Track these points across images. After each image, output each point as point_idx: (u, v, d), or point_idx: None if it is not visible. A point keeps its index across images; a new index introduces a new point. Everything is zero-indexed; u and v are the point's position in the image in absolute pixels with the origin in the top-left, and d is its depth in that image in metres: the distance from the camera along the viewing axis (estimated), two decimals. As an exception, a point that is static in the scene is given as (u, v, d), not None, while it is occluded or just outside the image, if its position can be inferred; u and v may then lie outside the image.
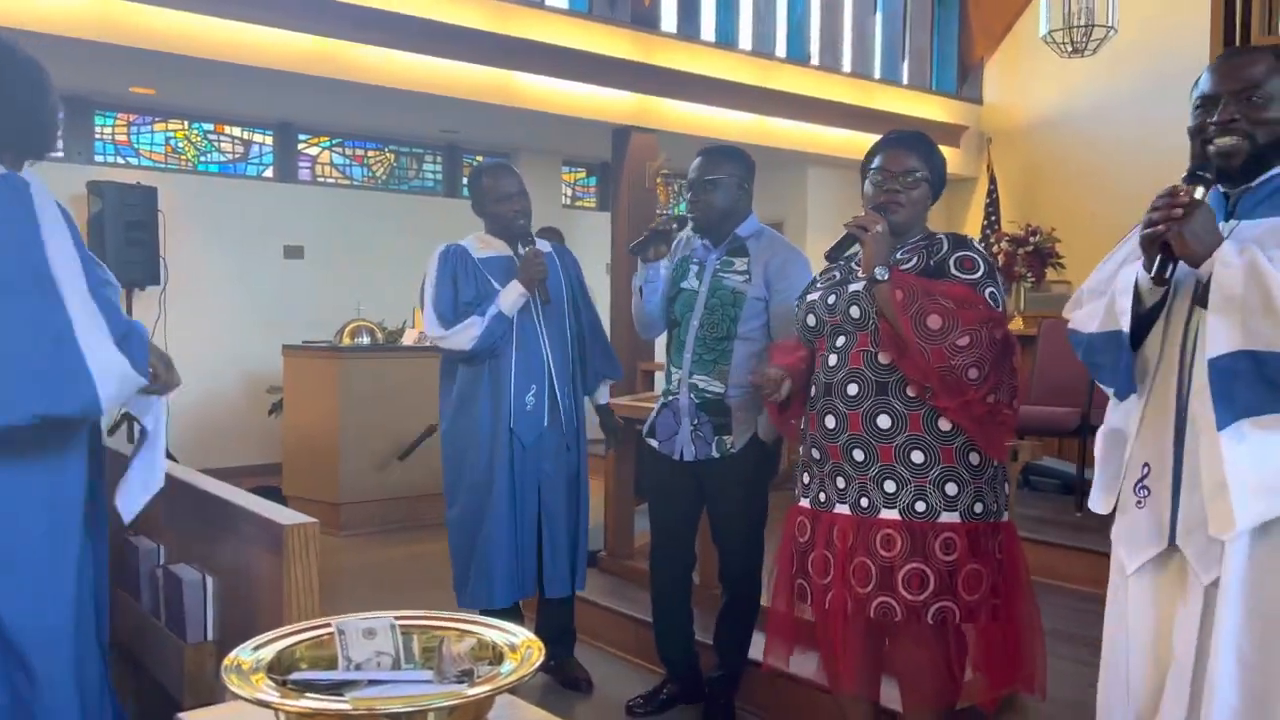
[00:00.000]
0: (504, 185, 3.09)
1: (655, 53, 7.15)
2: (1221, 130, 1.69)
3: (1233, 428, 1.54)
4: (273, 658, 1.27)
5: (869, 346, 2.15)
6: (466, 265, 3.08)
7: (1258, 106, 1.67)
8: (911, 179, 2.20)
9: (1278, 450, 1.54)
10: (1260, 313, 1.51)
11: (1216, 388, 1.55)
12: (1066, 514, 4.55)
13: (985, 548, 2.11)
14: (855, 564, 2.12)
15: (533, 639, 1.31)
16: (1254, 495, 1.53)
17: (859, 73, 8.67)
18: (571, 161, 9.42)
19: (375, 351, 5.97)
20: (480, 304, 3.01)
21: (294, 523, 2.05)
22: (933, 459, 2.11)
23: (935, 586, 2.07)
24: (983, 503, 2.13)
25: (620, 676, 3.34)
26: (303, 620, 1.55)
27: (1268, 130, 1.67)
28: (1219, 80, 1.72)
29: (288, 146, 7.79)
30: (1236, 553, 1.57)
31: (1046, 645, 2.27)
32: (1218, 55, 2.00)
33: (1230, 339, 1.54)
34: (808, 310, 2.27)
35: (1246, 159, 1.68)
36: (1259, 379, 1.52)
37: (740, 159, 2.85)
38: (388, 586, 4.51)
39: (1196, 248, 1.58)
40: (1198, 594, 1.61)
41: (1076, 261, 7.95)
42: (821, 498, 2.24)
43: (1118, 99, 8.04)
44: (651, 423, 2.93)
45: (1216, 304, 1.56)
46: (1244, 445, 1.54)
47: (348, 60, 5.81)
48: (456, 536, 3.11)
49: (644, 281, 2.90)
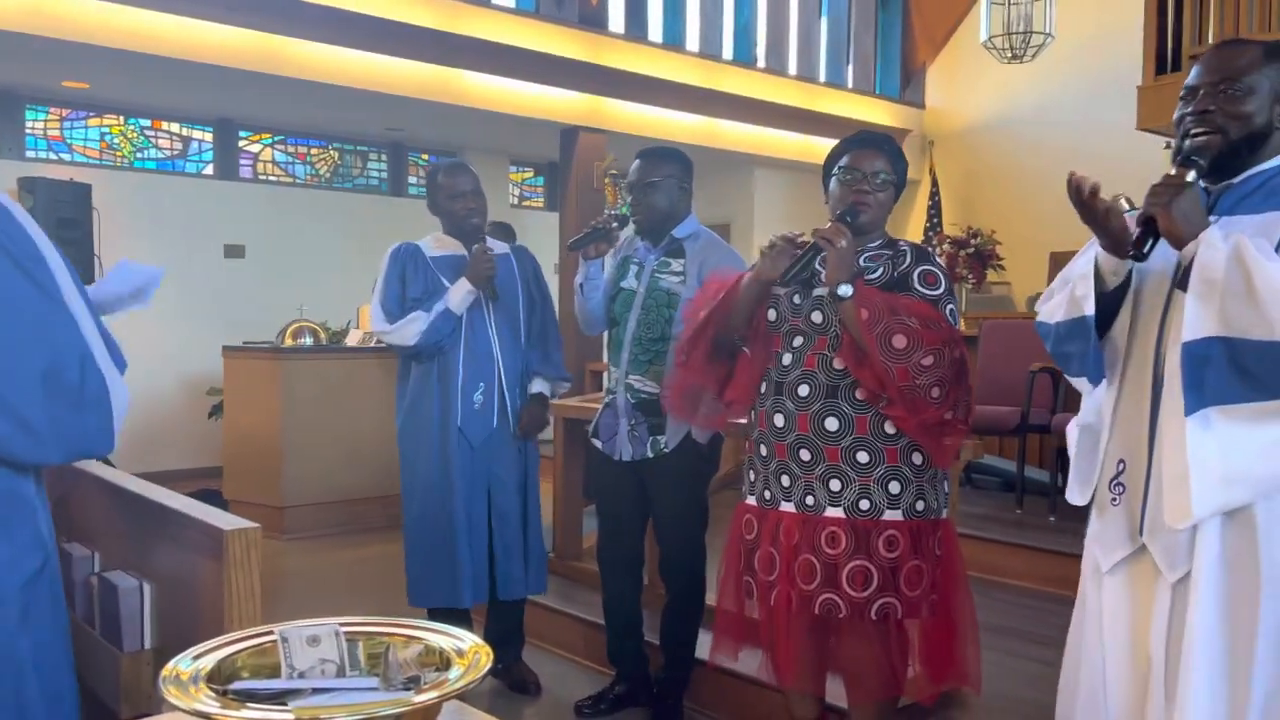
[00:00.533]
0: (458, 183, 3.07)
1: (603, 53, 7.15)
2: (1196, 121, 1.65)
3: (1200, 415, 1.51)
4: (213, 667, 1.24)
5: (825, 350, 2.16)
6: (418, 263, 3.06)
7: (1234, 99, 1.62)
8: (880, 180, 2.22)
9: (1243, 441, 1.50)
10: (1241, 298, 1.47)
11: (1187, 373, 1.51)
12: (1007, 511, 4.64)
13: (926, 545, 2.15)
14: (800, 561, 2.15)
15: (480, 644, 1.30)
16: (1215, 486, 1.50)
17: (804, 76, 8.75)
18: (519, 161, 9.37)
19: (318, 352, 5.88)
20: (428, 301, 2.99)
21: (235, 527, 2.01)
22: (877, 459, 2.14)
23: (879, 583, 2.10)
24: (924, 501, 2.16)
25: (569, 678, 3.33)
26: (244, 628, 1.52)
27: (1241, 124, 1.62)
28: (1202, 71, 1.67)
29: (228, 143, 7.64)
30: (1207, 549, 1.54)
31: (987, 640, 2.31)
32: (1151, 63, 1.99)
33: (1206, 324, 1.50)
34: (771, 304, 2.27)
35: (1219, 153, 1.63)
36: (1231, 366, 1.48)
37: (679, 160, 2.87)
38: (333, 592, 4.45)
39: (1183, 226, 1.54)
40: (1165, 592, 1.59)
41: (1016, 263, 8.12)
42: (767, 495, 2.26)
43: (1055, 104, 8.23)
44: (595, 423, 2.93)
45: (1197, 287, 1.51)
46: (1210, 434, 1.50)
47: (290, 56, 5.72)
48: (411, 538, 3.09)
49: (584, 279, 2.90)
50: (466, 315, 3.02)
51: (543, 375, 3.19)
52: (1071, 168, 1.70)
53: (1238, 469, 1.50)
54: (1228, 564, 1.54)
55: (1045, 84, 8.20)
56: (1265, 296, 1.45)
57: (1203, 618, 1.53)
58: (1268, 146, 1.64)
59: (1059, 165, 8.53)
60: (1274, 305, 1.44)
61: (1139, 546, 1.64)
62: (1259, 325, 1.45)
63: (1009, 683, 2.86)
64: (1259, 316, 1.45)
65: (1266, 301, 1.45)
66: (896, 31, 9.43)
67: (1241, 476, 1.50)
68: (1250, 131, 1.62)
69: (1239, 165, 1.65)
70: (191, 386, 6.89)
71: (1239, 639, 1.52)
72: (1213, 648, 1.53)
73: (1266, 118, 1.63)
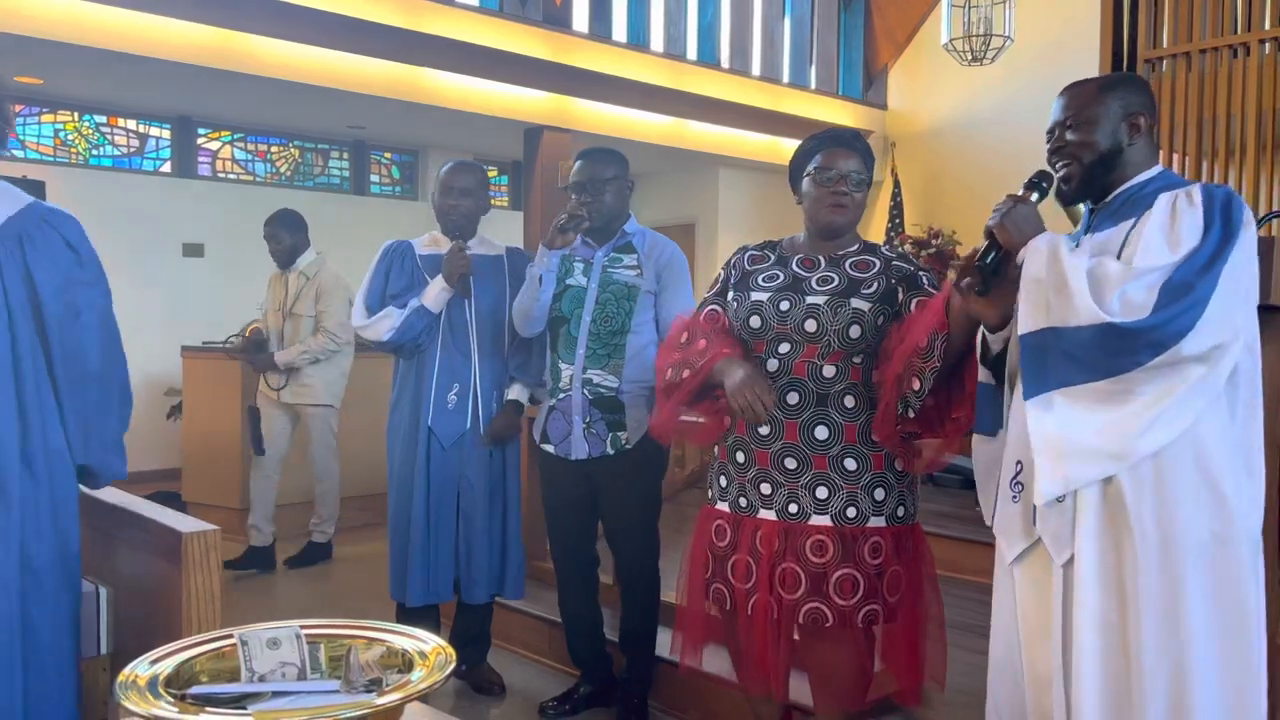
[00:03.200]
0: (448, 180, 3.07)
1: (567, 52, 7.13)
2: (1056, 156, 1.87)
3: (1041, 398, 1.66)
4: (171, 671, 1.22)
5: (815, 359, 2.13)
6: (405, 260, 3.07)
7: (1082, 129, 1.84)
8: (856, 180, 2.20)
9: (1082, 420, 1.64)
10: (1056, 291, 1.65)
11: (1026, 362, 1.68)
12: (969, 509, 4.68)
13: (905, 549, 2.16)
14: (783, 570, 2.11)
15: (443, 646, 1.29)
16: (1058, 461, 1.63)
17: (768, 76, 8.79)
18: (483, 160, 9.33)
19: (279, 352, 5.80)
20: (406, 297, 2.98)
21: (194, 530, 1.99)
22: (864, 466, 2.13)
23: (864, 590, 2.09)
24: (904, 506, 2.17)
25: (534, 679, 3.32)
26: (203, 631, 1.50)
27: (1090, 150, 1.83)
28: (1055, 111, 1.90)
29: (186, 140, 7.53)
30: (1084, 528, 1.67)
31: (950, 637, 2.33)
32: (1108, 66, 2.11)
33: (1037, 318, 1.68)
34: (752, 310, 2.19)
35: (1080, 180, 1.85)
36: (1060, 352, 1.65)
37: (623, 160, 2.91)
38: (295, 594, 4.40)
39: (1015, 235, 1.75)
40: (1057, 575, 1.72)
41: (977, 263, 8.22)
42: (743, 503, 2.21)
43: (1015, 106, 8.33)
44: (543, 428, 2.90)
45: (1024, 287, 1.71)
46: (1051, 414, 1.65)
47: (250, 53, 5.64)
48: (390, 533, 3.09)
49: (546, 270, 2.82)
50: (448, 315, 3.00)
51: (521, 381, 3.15)
52: (1030, 169, 1.87)
53: (1077, 445, 1.64)
54: (1104, 539, 1.67)
55: (1005, 86, 8.30)
56: (1072, 288, 1.64)
57: (1087, 594, 1.66)
58: (1127, 164, 1.84)
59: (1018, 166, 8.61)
60: (1076, 295, 1.63)
61: (1037, 538, 1.78)
62: (1069, 314, 1.64)
63: (971, 677, 2.88)
64: (1068, 306, 1.64)
65: (1073, 292, 1.63)
66: (859, 33, 9.51)
67: (1079, 451, 1.63)
68: (1099, 155, 1.83)
69: (1107, 186, 1.85)
70: (149, 387, 6.77)
71: (1126, 611, 1.64)
72: (1099, 621, 1.66)
73: (1112, 140, 1.83)
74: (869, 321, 2.11)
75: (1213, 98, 5.40)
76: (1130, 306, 1.60)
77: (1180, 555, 1.63)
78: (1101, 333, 1.60)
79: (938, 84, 9.09)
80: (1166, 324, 1.57)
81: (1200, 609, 1.63)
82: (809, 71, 9.29)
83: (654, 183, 9.81)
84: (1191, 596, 1.62)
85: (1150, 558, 1.63)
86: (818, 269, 2.20)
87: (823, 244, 2.24)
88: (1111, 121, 1.83)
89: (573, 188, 2.87)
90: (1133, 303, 1.60)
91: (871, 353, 2.14)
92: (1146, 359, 1.59)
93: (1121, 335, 1.59)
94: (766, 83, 8.71)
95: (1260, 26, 5.11)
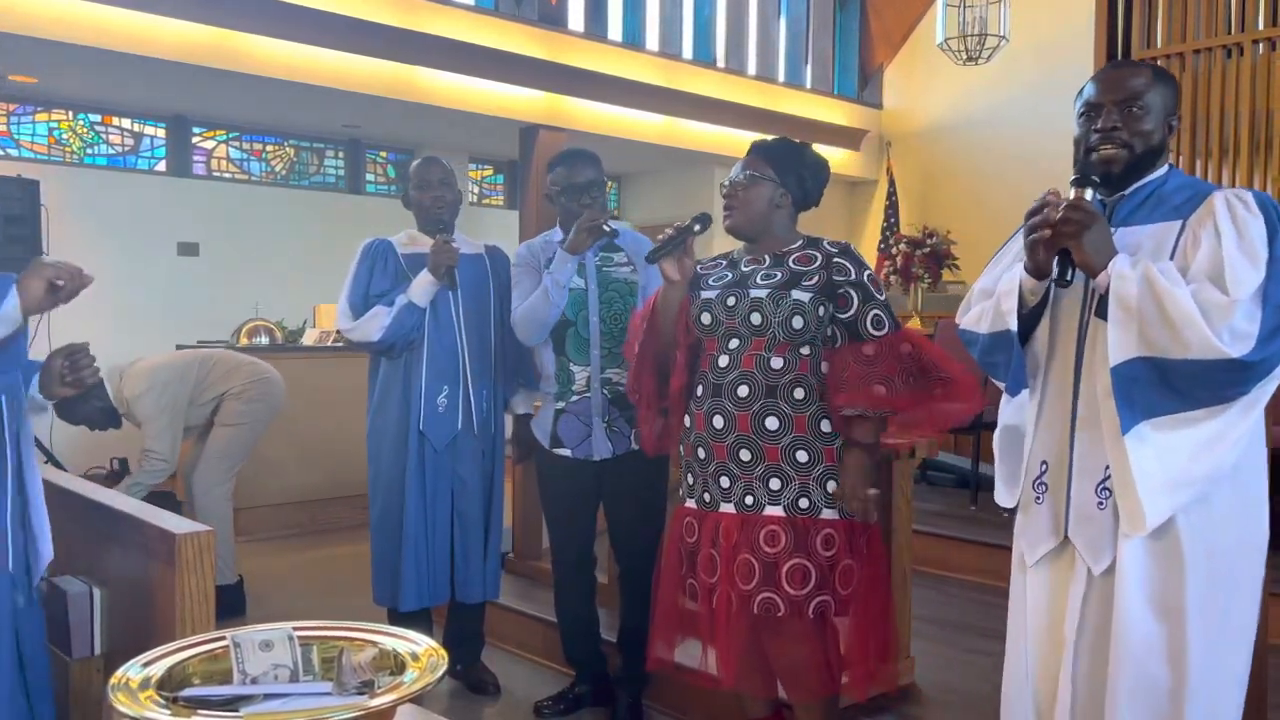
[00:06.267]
0: (425, 175, 3.04)
1: (563, 52, 7.13)
2: (1103, 138, 1.78)
3: (1134, 431, 1.63)
4: (163, 674, 1.23)
5: (762, 351, 2.19)
6: (387, 259, 3.02)
7: (1137, 117, 1.76)
8: (745, 179, 2.27)
9: (1176, 448, 1.63)
10: (1156, 323, 1.61)
11: (1119, 393, 1.64)
12: (962, 508, 4.70)
13: (859, 544, 2.19)
14: (739, 561, 2.16)
15: (436, 647, 1.30)
16: (1161, 492, 1.62)
17: (764, 76, 8.80)
18: (479, 159, 9.32)
19: (274, 352, 5.79)
20: (391, 296, 2.95)
21: (187, 531, 1.99)
22: (816, 458, 2.17)
23: (816, 581, 2.13)
24: None
25: (529, 678, 3.32)
26: (197, 633, 1.50)
27: (1144, 140, 1.77)
28: (1103, 90, 1.81)
29: (181, 139, 7.51)
30: (1132, 546, 1.66)
31: (941, 635, 2.35)
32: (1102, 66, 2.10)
33: (1128, 347, 1.63)
34: (703, 308, 2.28)
35: (1125, 166, 1.78)
36: (1157, 383, 1.62)
37: (600, 160, 2.92)
38: (289, 595, 4.40)
39: (1095, 258, 1.68)
40: (1085, 582, 1.71)
41: (971, 263, 8.22)
42: (706, 498, 2.27)
43: (1010, 105, 8.35)
44: (552, 433, 2.88)
45: (1115, 314, 1.65)
46: (1146, 446, 1.63)
47: (245, 52, 5.64)
48: (375, 536, 3.06)
49: (567, 277, 2.76)
50: (433, 314, 2.97)
51: (525, 388, 3.12)
52: (1025, 169, 1.81)
53: (1177, 474, 1.62)
54: (1151, 553, 1.66)
55: (1000, 86, 8.32)
56: (1177, 320, 1.59)
57: (1131, 603, 1.65)
58: (1159, 160, 1.80)
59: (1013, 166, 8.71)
60: (1185, 328, 1.59)
61: (1061, 541, 1.77)
62: (1175, 346, 1.60)
63: (962, 676, 2.90)
64: (1174, 339, 1.60)
65: (1179, 324, 1.59)
66: (854, 32, 9.52)
67: (1181, 481, 1.62)
68: (1150, 147, 1.78)
69: (1131, 178, 1.80)
70: (144, 387, 6.76)
71: (1171, 621, 1.64)
72: (1145, 632, 1.65)
73: (1161, 135, 1.79)
74: (810, 312, 2.17)
75: (1206, 98, 5.41)
76: (1237, 335, 1.58)
77: (1225, 566, 1.65)
78: (1218, 367, 1.58)
79: (933, 83, 9.10)
80: (1276, 353, 1.59)
81: (1240, 617, 1.66)
82: (804, 71, 9.30)
83: (649, 182, 9.81)
84: (1235, 606, 1.65)
85: (1198, 569, 1.64)
86: (763, 266, 2.27)
87: (764, 245, 2.30)
88: (1161, 115, 1.79)
89: (571, 191, 2.84)
90: (1240, 331, 1.58)
91: (817, 344, 2.20)
92: (1252, 388, 1.61)
93: (1240, 369, 1.58)
94: (762, 82, 8.72)
95: (1254, 27, 5.12)
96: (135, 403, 3.92)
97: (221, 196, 7.50)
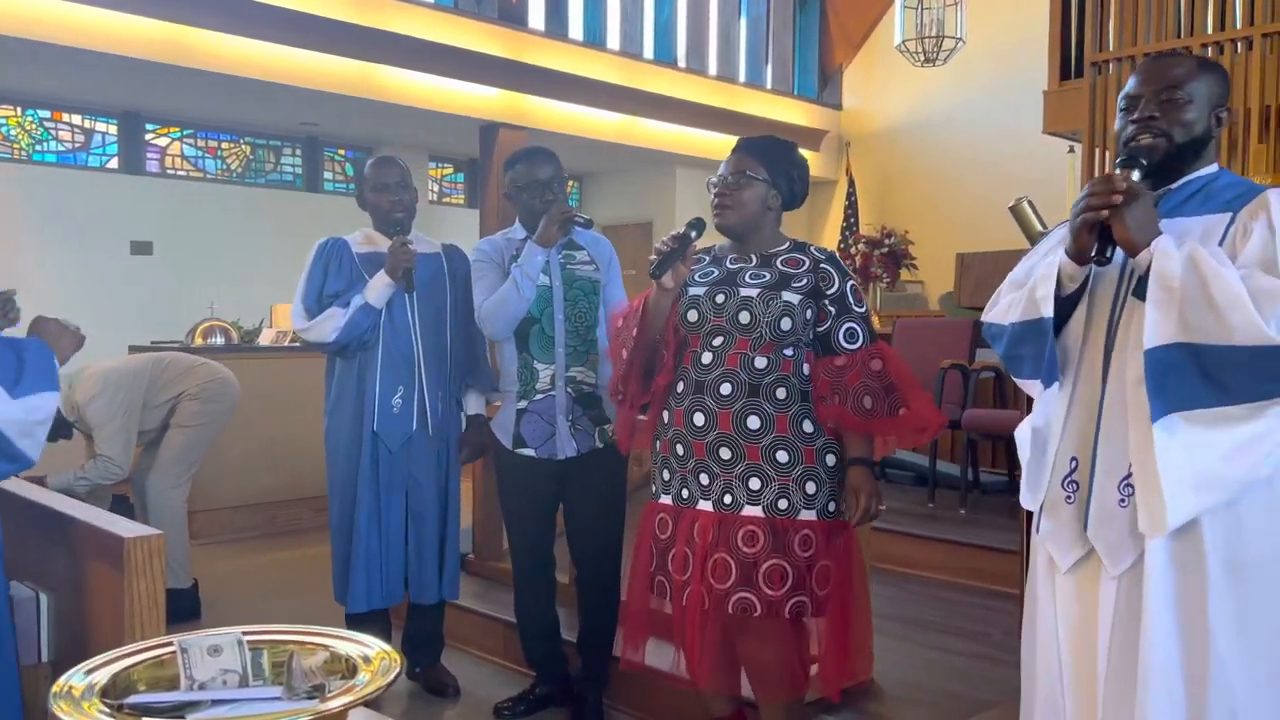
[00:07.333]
0: (382, 175, 3.01)
1: (523, 50, 7.10)
2: (1141, 128, 1.70)
3: (1164, 421, 1.53)
4: (107, 681, 1.20)
5: (747, 350, 2.18)
6: (342, 259, 2.99)
7: (1178, 106, 1.69)
8: (736, 180, 2.26)
9: (1209, 445, 1.53)
10: (1199, 305, 1.51)
11: (1151, 379, 1.54)
12: (920, 506, 4.74)
13: (835, 544, 2.19)
14: (715, 560, 2.16)
15: (389, 650, 1.28)
16: (1187, 492, 1.52)
17: (724, 76, 8.83)
18: (439, 157, 9.27)
19: (230, 352, 5.71)
20: (347, 297, 2.92)
21: (136, 534, 1.95)
22: (796, 458, 2.17)
23: (793, 581, 2.13)
24: (835, 502, 2.20)
25: (489, 680, 3.30)
26: (146, 638, 1.47)
27: (1184, 130, 1.69)
28: (1142, 80, 1.74)
29: (134, 136, 7.39)
30: (1154, 547, 1.56)
31: (900, 632, 2.36)
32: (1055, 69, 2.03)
33: (1167, 330, 1.53)
34: (690, 305, 2.26)
35: (1163, 157, 1.69)
36: (1194, 371, 1.52)
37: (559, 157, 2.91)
38: (246, 599, 4.33)
39: (1138, 235, 1.58)
40: (1108, 585, 1.62)
41: (928, 262, 8.32)
42: (684, 494, 2.26)
43: (967, 107, 8.45)
44: (515, 432, 2.86)
45: (1156, 295, 1.55)
46: (1176, 439, 1.53)
47: (199, 48, 5.55)
48: (333, 538, 3.04)
49: (536, 271, 2.74)
50: (388, 314, 2.95)
51: (477, 389, 3.10)
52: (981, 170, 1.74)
53: (1206, 473, 1.52)
54: (1175, 560, 1.57)
55: (957, 88, 8.41)
56: (1222, 303, 1.49)
57: (1156, 617, 1.56)
58: (1202, 156, 1.71)
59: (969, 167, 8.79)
60: (1231, 311, 1.48)
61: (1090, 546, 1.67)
62: (1219, 330, 1.49)
63: (921, 673, 2.92)
64: (1218, 322, 1.49)
65: (1224, 307, 1.49)
66: (814, 33, 9.58)
67: (1210, 481, 1.53)
68: (1192, 138, 1.69)
69: (1176, 172, 1.71)
70: (96, 388, 6.64)
71: (1193, 636, 1.55)
72: (1168, 646, 1.56)
73: (1205, 126, 1.70)
74: (798, 314, 2.18)
75: (1157, 100, 5.49)
76: None
77: (1255, 583, 1.55)
78: (1264, 355, 1.47)
79: (891, 85, 9.18)
80: None
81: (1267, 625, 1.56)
82: (765, 71, 9.35)
83: (611, 181, 9.81)
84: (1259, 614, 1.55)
85: (1221, 583, 1.54)
86: (750, 265, 2.27)
87: (750, 244, 2.30)
88: (1204, 107, 1.70)
89: (533, 187, 2.82)
90: None
91: (802, 346, 2.21)
92: None
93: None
94: (723, 82, 8.75)
95: (1202, 31, 5.22)
96: (87, 407, 3.84)
97: (176, 194, 7.39)
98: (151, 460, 4.04)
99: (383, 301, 2.92)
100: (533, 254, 2.74)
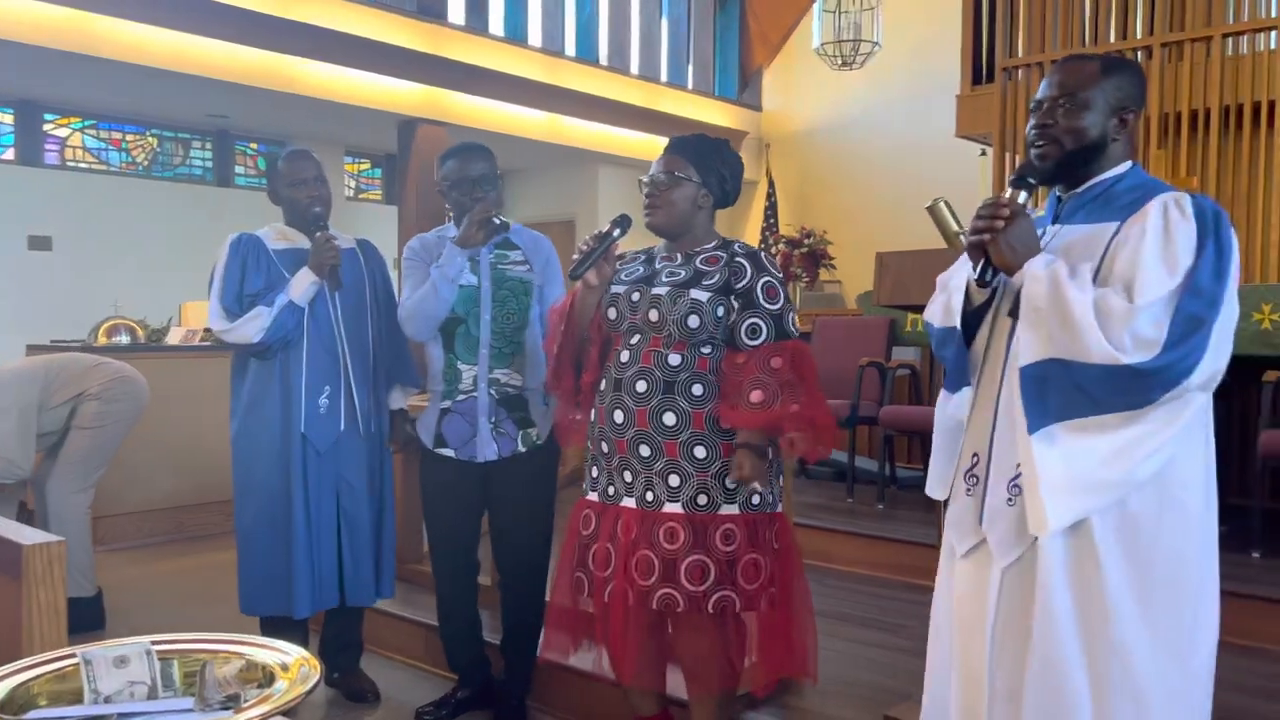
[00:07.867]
0: (299, 170, 2.93)
1: (442, 44, 7.01)
2: (1038, 134, 1.74)
3: (1043, 432, 1.60)
4: (5, 696, 1.14)
5: (660, 348, 2.21)
6: (259, 256, 2.89)
7: (1071, 113, 1.72)
8: (666, 180, 2.26)
9: (1087, 452, 1.59)
10: (1061, 325, 1.59)
11: (1027, 394, 1.61)
12: (839, 500, 4.82)
13: (763, 538, 2.21)
14: (638, 556, 2.17)
15: (307, 657, 1.24)
16: (1064, 495, 1.59)
17: (646, 75, 8.85)
18: (355, 152, 9.10)
19: (135, 351, 5.50)
20: (269, 295, 2.83)
21: (35, 541, 1.85)
22: (714, 454, 2.18)
23: (715, 576, 2.14)
24: (760, 495, 2.21)
25: (410, 684, 3.25)
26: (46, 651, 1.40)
27: (1075, 137, 1.72)
28: (1046, 85, 1.77)
29: (31, 126, 7.08)
30: (1051, 546, 1.62)
31: (821, 626, 2.39)
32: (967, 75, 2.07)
33: (1038, 348, 1.61)
34: (611, 303, 2.29)
35: (1056, 164, 1.74)
36: (1070, 384, 1.59)
37: (493, 155, 2.87)
38: (154, 607, 4.19)
39: (1011, 258, 1.66)
40: (996, 576, 1.70)
41: (846, 261, 8.47)
42: (610, 491, 2.27)
43: (883, 109, 8.62)
44: (437, 432, 2.82)
45: (1026, 315, 1.63)
46: (1055, 448, 1.60)
47: (101, 34, 5.34)
48: (245, 545, 2.92)
49: (456, 272, 2.69)
50: (310, 312, 2.87)
51: (401, 383, 3.05)
52: (897, 172, 1.80)
53: (1085, 479, 1.59)
54: (1068, 555, 1.63)
55: (874, 91, 8.58)
56: (1077, 324, 1.57)
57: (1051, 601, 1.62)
58: (1106, 157, 1.74)
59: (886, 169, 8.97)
60: (1085, 333, 1.56)
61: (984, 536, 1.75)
62: (1078, 349, 1.57)
63: (843, 666, 2.96)
64: (1077, 342, 1.57)
65: (1079, 329, 1.57)
66: (734, 34, 9.67)
67: (1089, 485, 1.60)
68: (1084, 144, 1.72)
69: (1082, 174, 1.75)
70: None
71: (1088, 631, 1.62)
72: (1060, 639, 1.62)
73: (1101, 130, 1.73)
74: (707, 312, 2.19)
75: (1064, 106, 5.67)
76: (1140, 343, 1.55)
77: (1156, 578, 1.61)
78: (1115, 373, 1.55)
79: (810, 87, 9.32)
80: (1179, 361, 1.54)
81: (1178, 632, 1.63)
82: (686, 71, 9.40)
83: (533, 179, 9.75)
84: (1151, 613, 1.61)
85: (1116, 576, 1.60)
86: (672, 264, 2.29)
87: (681, 244, 2.32)
88: (1103, 110, 1.72)
89: (463, 185, 2.77)
90: (1143, 338, 1.55)
91: (718, 343, 2.22)
92: (1158, 396, 1.56)
93: (1136, 376, 1.54)
94: (644, 81, 8.77)
95: (1105, 39, 5.41)
96: None
97: (77, 187, 7.11)
98: (53, 464, 3.87)
99: (308, 299, 2.85)
100: (452, 256, 2.69)
